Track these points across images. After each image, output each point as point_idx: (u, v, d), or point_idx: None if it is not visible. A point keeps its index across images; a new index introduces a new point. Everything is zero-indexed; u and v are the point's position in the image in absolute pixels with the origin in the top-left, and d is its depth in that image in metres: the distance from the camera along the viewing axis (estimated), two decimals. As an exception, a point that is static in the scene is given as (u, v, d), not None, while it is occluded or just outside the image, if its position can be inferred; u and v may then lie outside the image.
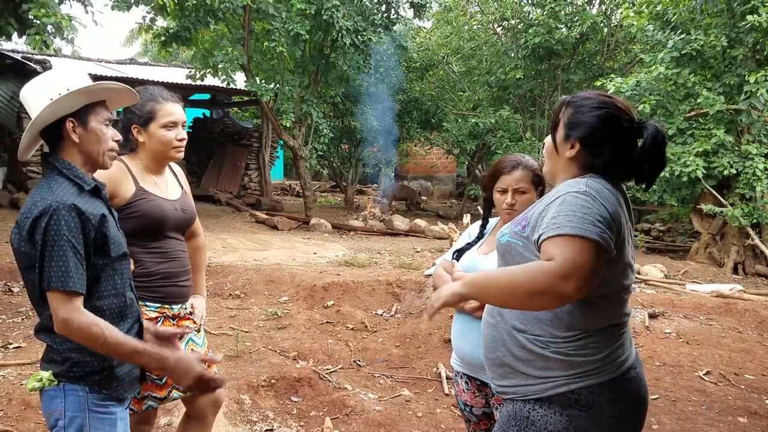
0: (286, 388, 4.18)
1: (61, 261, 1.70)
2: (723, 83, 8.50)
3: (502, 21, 13.06)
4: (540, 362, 1.68)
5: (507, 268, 1.66)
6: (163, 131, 2.42)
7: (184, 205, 2.55)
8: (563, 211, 1.57)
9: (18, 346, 4.53)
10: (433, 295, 1.77)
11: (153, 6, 10.59)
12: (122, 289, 1.91)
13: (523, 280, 1.53)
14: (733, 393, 4.41)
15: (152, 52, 22.23)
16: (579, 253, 1.50)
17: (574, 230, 1.52)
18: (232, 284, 6.72)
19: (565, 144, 1.76)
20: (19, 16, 7.34)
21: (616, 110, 1.73)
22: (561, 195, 1.62)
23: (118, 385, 1.88)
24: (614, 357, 1.69)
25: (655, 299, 6.29)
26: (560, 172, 1.79)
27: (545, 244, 1.56)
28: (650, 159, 1.71)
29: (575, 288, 1.48)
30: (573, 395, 1.65)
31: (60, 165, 1.84)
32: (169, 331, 2.11)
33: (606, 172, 1.72)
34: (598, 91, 1.82)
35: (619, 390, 1.68)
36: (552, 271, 1.49)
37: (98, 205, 1.86)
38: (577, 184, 1.65)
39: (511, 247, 1.75)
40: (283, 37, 10.81)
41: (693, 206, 9.45)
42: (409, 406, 4.11)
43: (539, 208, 1.70)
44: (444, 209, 15.99)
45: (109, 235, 1.84)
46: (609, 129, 1.71)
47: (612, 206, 1.62)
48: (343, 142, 16.18)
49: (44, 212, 1.71)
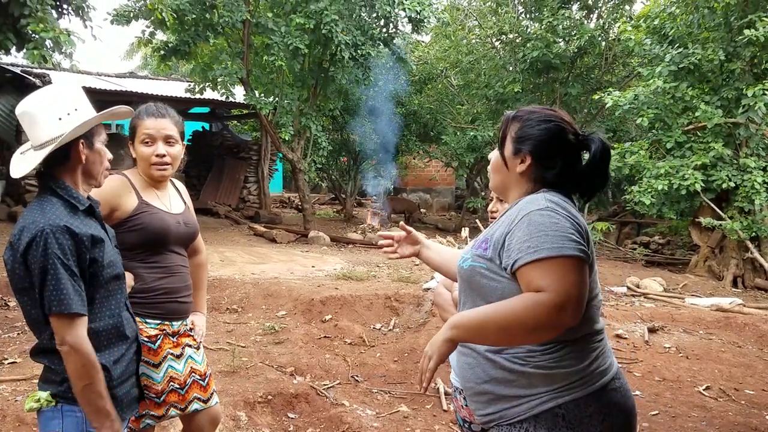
0: (282, 405, 4.14)
1: (60, 284, 1.70)
2: (721, 97, 8.53)
3: (500, 35, 13.12)
4: (522, 380, 1.65)
5: (495, 305, 1.59)
6: (141, 147, 2.41)
7: (186, 219, 2.54)
8: (534, 232, 1.56)
9: (13, 362, 4.49)
10: (423, 358, 1.67)
11: (152, 20, 10.64)
12: (117, 309, 1.91)
13: (521, 318, 1.50)
14: (733, 408, 4.37)
15: (152, 66, 22.33)
16: (566, 275, 1.50)
17: (552, 251, 1.52)
18: (230, 298, 6.69)
19: (515, 158, 1.76)
20: (17, 31, 7.36)
21: (562, 122, 1.74)
22: (524, 215, 1.61)
23: (117, 405, 1.86)
24: (596, 367, 1.66)
25: (655, 313, 6.26)
26: (512, 187, 1.80)
27: (525, 270, 1.54)
28: (597, 171, 1.73)
29: (574, 315, 1.50)
30: (560, 410, 1.62)
31: (54, 185, 1.84)
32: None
33: (557, 185, 1.72)
34: (542, 106, 1.83)
35: (606, 401, 1.65)
36: (549, 304, 1.48)
37: (92, 225, 1.86)
38: (537, 201, 1.64)
39: (475, 271, 1.71)
40: (282, 51, 10.86)
41: (692, 219, 9.45)
42: (407, 422, 4.07)
43: (500, 228, 1.68)
44: (443, 222, 15.98)
45: (103, 256, 1.83)
46: (558, 141, 1.73)
47: (575, 216, 1.62)
48: (341, 154, 16.21)
49: (37, 236, 1.71)
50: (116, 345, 1.88)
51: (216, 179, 15.87)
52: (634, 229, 13.67)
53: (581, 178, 1.74)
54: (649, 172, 8.52)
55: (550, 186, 1.72)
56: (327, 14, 10.74)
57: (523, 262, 1.54)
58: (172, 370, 2.41)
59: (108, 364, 1.84)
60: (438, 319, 5.72)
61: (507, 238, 1.62)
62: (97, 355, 1.80)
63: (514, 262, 1.57)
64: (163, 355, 2.39)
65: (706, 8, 8.51)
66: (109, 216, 2.30)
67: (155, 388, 2.35)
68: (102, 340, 1.84)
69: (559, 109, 1.80)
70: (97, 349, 1.81)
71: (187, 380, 2.44)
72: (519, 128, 1.76)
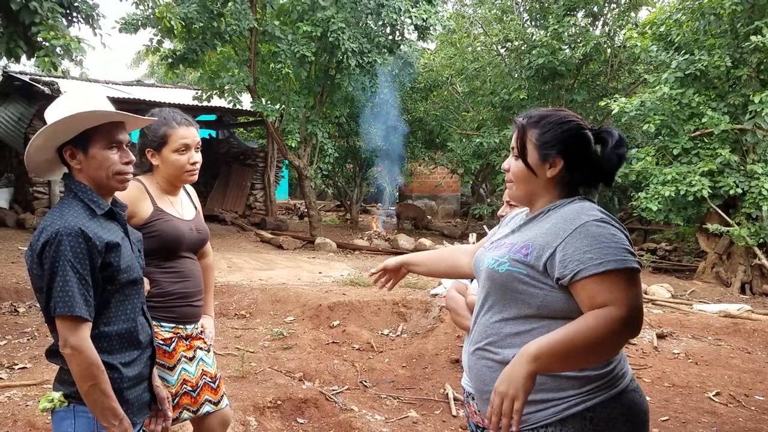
0: (292, 410, 4.15)
1: (67, 286, 1.71)
2: (727, 103, 8.52)
3: (505, 42, 13.16)
4: (550, 383, 1.62)
5: (568, 329, 1.50)
6: (175, 156, 2.43)
7: (198, 225, 2.57)
8: (593, 245, 1.54)
9: (23, 367, 4.51)
10: (502, 399, 1.51)
11: (160, 28, 10.70)
12: (132, 314, 1.91)
13: (604, 337, 1.48)
14: (743, 414, 4.35)
15: (159, 74, 22.47)
16: (632, 288, 1.51)
17: (617, 264, 1.51)
18: (238, 304, 6.71)
19: (543, 164, 1.72)
20: (28, 39, 7.43)
21: (578, 120, 1.74)
22: (579, 225, 1.58)
23: (128, 408, 1.86)
24: (619, 369, 1.67)
25: (663, 319, 6.24)
26: (540, 195, 1.75)
27: (587, 282, 1.52)
28: (618, 159, 1.71)
29: (640, 327, 1.53)
30: (588, 413, 1.60)
31: (75, 187, 1.85)
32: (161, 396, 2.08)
33: (584, 185, 1.73)
34: (548, 108, 1.81)
35: (629, 402, 1.65)
36: (623, 320, 1.48)
37: (112, 229, 1.87)
38: (589, 210, 1.63)
39: (513, 276, 1.65)
40: (289, 58, 10.92)
41: (699, 226, 9.42)
42: (417, 428, 4.07)
43: (545, 236, 1.64)
44: (449, 228, 15.97)
45: (119, 261, 1.83)
46: (583, 140, 1.72)
47: (623, 226, 1.63)
48: (347, 161, 16.24)
49: (52, 238, 1.73)
50: (129, 349, 1.88)
51: (223, 186, 15.92)
52: (641, 235, 13.64)
53: (600, 167, 1.72)
54: (656, 179, 8.51)
55: (575, 188, 1.73)
56: (333, 22, 10.80)
57: (586, 274, 1.52)
58: (185, 372, 2.43)
59: (119, 364, 1.85)
60: (446, 324, 5.73)
61: (559, 248, 1.58)
62: (108, 356, 1.81)
63: (575, 273, 1.53)
64: (178, 357, 2.41)
65: (712, 15, 8.51)
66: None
67: (170, 391, 2.37)
68: (114, 343, 1.85)
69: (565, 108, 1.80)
70: (109, 352, 1.82)
71: (198, 383, 2.46)
72: (540, 134, 1.72)
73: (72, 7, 7.71)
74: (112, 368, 1.82)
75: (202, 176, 11.53)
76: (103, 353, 1.80)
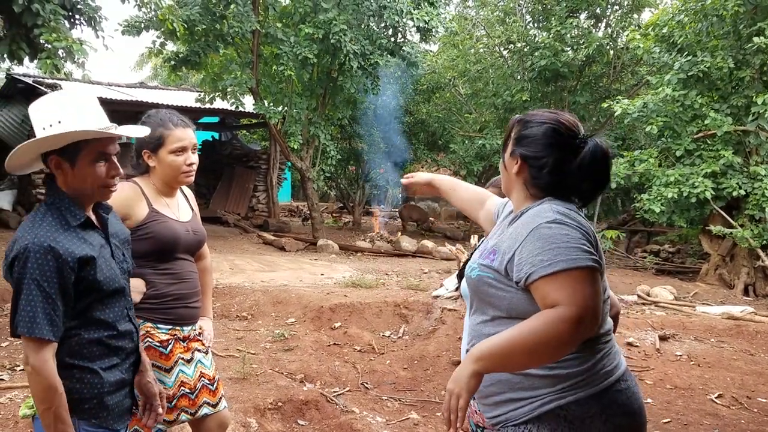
0: (293, 411, 4.14)
1: (30, 306, 1.65)
2: (730, 104, 8.51)
3: (508, 44, 13.16)
4: (525, 382, 1.65)
5: (513, 330, 1.54)
6: (172, 157, 2.42)
7: (195, 226, 2.56)
8: (545, 246, 1.55)
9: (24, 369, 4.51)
10: (449, 397, 1.57)
11: (163, 31, 10.73)
12: (114, 322, 1.85)
13: (545, 337, 1.49)
14: (746, 417, 4.34)
15: (162, 76, 22.53)
16: (582, 287, 1.50)
17: (567, 263, 1.51)
18: (239, 305, 6.70)
19: (511, 160, 1.77)
20: (30, 41, 7.45)
21: (558, 125, 1.72)
22: (533, 228, 1.60)
23: (108, 414, 1.83)
24: (600, 368, 1.65)
25: (666, 321, 6.23)
26: (513, 189, 1.80)
27: (539, 284, 1.54)
28: (588, 174, 1.69)
29: (593, 326, 1.50)
30: (562, 411, 1.61)
31: (51, 196, 1.78)
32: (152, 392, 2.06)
33: (551, 188, 1.71)
34: (548, 110, 1.82)
35: (608, 402, 1.64)
36: (569, 318, 1.47)
37: (89, 239, 1.79)
38: (544, 213, 1.63)
39: (483, 281, 1.71)
40: (292, 60, 10.93)
41: (702, 227, 9.40)
42: (418, 429, 4.06)
43: (508, 241, 1.67)
44: (451, 230, 15.96)
45: (95, 274, 1.76)
46: (548, 143, 1.70)
47: (583, 224, 1.62)
48: (350, 163, 16.25)
49: (20, 253, 1.66)
50: (109, 355, 1.83)
51: (225, 188, 15.94)
52: (644, 237, 13.61)
53: (575, 181, 1.70)
54: (659, 180, 8.49)
55: (545, 191, 1.71)
56: (336, 24, 10.81)
57: (537, 276, 1.53)
58: (182, 374, 2.42)
59: (99, 369, 1.81)
60: (448, 326, 5.73)
61: (517, 251, 1.61)
62: (89, 362, 1.78)
63: (528, 276, 1.56)
64: (175, 359, 2.41)
65: (714, 16, 8.50)
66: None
67: (167, 393, 2.36)
68: (94, 349, 1.80)
69: (567, 113, 1.79)
70: (89, 358, 1.79)
71: (196, 385, 2.45)
72: (518, 131, 1.77)
73: (74, 9, 7.74)
74: (93, 373, 1.79)
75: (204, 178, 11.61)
76: (83, 359, 1.77)
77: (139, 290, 2.36)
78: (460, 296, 6.41)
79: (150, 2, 8.90)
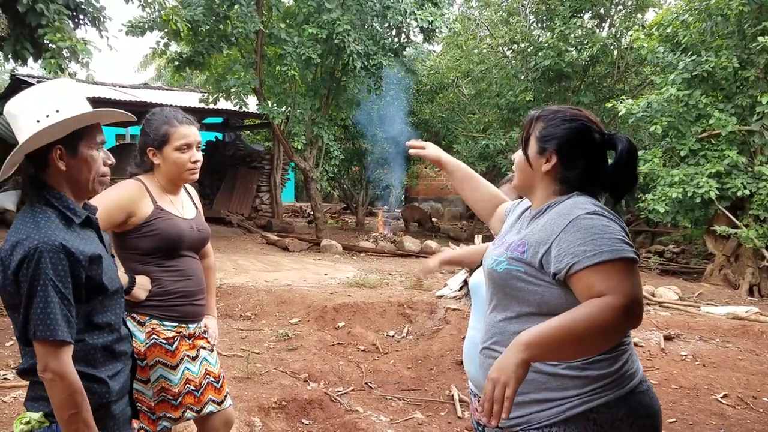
0: (297, 411, 4.14)
1: (48, 308, 1.57)
2: (735, 104, 8.48)
3: (511, 44, 13.14)
4: (553, 382, 1.61)
5: (564, 318, 1.48)
6: (177, 154, 2.43)
7: (199, 224, 2.57)
8: (587, 237, 1.53)
9: (29, 367, 4.52)
10: (494, 386, 1.47)
11: (167, 31, 10.75)
12: (116, 325, 1.81)
13: (599, 325, 1.45)
14: (751, 416, 4.32)
15: (166, 77, 22.56)
16: (628, 277, 1.48)
17: (612, 254, 1.49)
18: (243, 305, 6.71)
19: (539, 158, 1.74)
20: (35, 41, 7.45)
21: (588, 122, 1.72)
22: (571, 219, 1.58)
23: (114, 423, 1.78)
24: (626, 369, 1.64)
25: (671, 321, 6.21)
26: (537, 187, 1.77)
27: (583, 274, 1.51)
28: (623, 171, 1.71)
29: (640, 316, 1.49)
30: (592, 414, 1.58)
31: (48, 194, 1.69)
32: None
33: (580, 185, 1.71)
34: (567, 106, 1.81)
35: (635, 404, 1.62)
36: (619, 307, 1.45)
37: (90, 238, 1.74)
38: (582, 204, 1.62)
39: (512, 275, 1.67)
40: (295, 61, 10.93)
41: (707, 228, 9.37)
42: (422, 429, 4.06)
43: (540, 232, 1.65)
44: (455, 231, 15.95)
45: (101, 273, 1.71)
46: (582, 140, 1.71)
47: (618, 218, 1.61)
48: (353, 164, 16.25)
49: (30, 254, 1.57)
50: (113, 361, 1.78)
51: (229, 188, 15.96)
52: (649, 237, 13.58)
53: (608, 178, 1.71)
54: (663, 180, 8.47)
55: (574, 187, 1.71)
56: (339, 24, 10.81)
57: (581, 266, 1.51)
58: (188, 372, 2.42)
59: (107, 378, 1.75)
60: (452, 326, 5.72)
61: (554, 243, 1.58)
62: (94, 370, 1.71)
63: (570, 266, 1.53)
64: (180, 356, 2.41)
65: (719, 16, 8.47)
66: (125, 221, 2.32)
67: (173, 391, 2.36)
68: (99, 356, 1.74)
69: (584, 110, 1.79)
70: (93, 365, 1.72)
71: (202, 382, 2.45)
72: (543, 127, 1.74)
73: (78, 9, 7.73)
74: (101, 382, 1.73)
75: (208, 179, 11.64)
76: (89, 366, 1.70)
77: (144, 287, 2.36)
78: (464, 296, 6.41)
79: (154, 3, 8.89)
